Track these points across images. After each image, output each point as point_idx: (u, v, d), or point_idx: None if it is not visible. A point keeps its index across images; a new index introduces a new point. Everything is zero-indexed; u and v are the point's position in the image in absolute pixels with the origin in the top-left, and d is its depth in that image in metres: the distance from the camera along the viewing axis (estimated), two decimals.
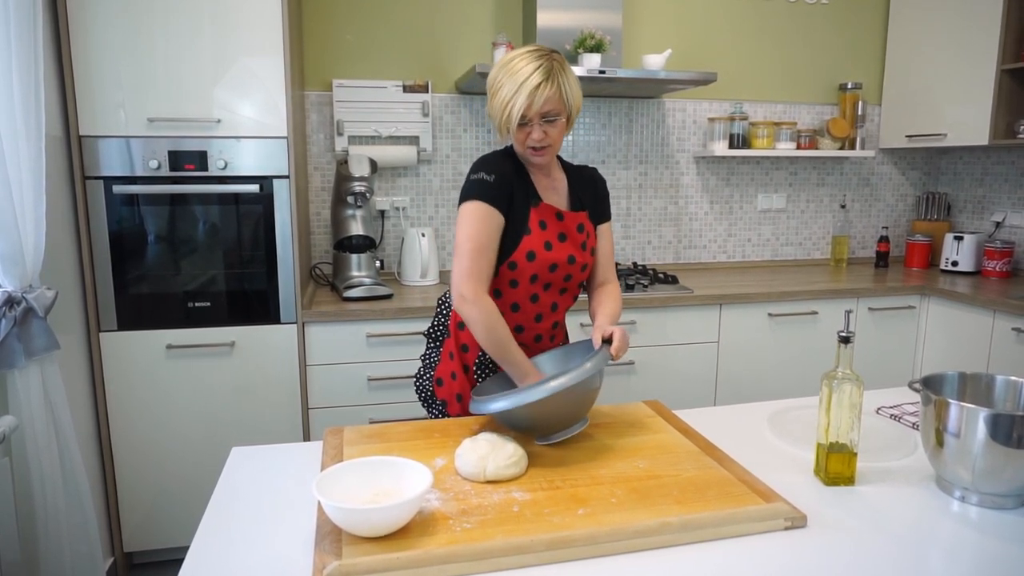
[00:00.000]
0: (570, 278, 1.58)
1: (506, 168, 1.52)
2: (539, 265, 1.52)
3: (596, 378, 1.30)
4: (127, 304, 2.27)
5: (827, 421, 1.19)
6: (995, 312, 2.63)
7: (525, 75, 1.40)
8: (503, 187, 1.48)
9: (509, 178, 1.50)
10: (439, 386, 1.65)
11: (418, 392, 1.72)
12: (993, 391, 1.26)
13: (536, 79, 1.40)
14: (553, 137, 1.46)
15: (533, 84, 1.40)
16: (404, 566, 0.92)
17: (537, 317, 1.59)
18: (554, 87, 1.42)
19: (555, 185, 1.60)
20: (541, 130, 1.45)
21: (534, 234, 1.51)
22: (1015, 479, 1.10)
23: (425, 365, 1.72)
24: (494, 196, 1.47)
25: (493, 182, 1.47)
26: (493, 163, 1.51)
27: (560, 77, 1.43)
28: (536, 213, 1.52)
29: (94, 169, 2.19)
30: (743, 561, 0.98)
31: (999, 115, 2.90)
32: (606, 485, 1.17)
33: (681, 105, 3.27)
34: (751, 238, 3.47)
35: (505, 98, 1.42)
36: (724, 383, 2.80)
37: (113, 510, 2.36)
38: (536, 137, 1.45)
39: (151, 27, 2.15)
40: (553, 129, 1.46)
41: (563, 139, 1.51)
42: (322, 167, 2.94)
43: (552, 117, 1.44)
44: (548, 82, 1.41)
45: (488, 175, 1.48)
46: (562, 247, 1.54)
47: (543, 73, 1.41)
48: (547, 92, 1.41)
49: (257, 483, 1.22)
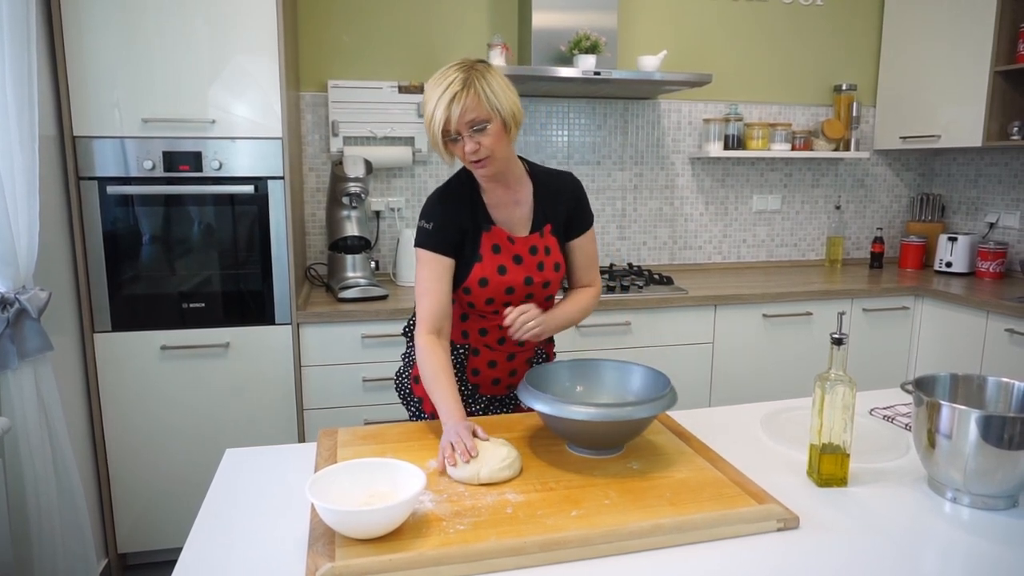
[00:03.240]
0: (531, 296, 1.55)
1: (450, 205, 1.48)
2: (493, 290, 1.50)
3: (647, 420, 1.25)
4: (121, 305, 2.27)
5: (820, 422, 1.19)
6: (988, 313, 2.64)
7: (442, 88, 1.35)
8: (445, 230, 1.47)
9: (452, 217, 1.47)
10: (416, 383, 1.67)
11: (397, 389, 1.75)
12: (985, 392, 1.27)
13: (452, 90, 1.34)
14: (489, 146, 1.38)
15: (449, 96, 1.34)
16: (397, 568, 0.92)
17: (500, 341, 1.58)
18: (471, 94, 1.34)
19: (517, 198, 1.54)
20: (473, 141, 1.37)
21: (486, 260, 1.49)
22: (1006, 480, 1.10)
23: (405, 363, 1.74)
24: (436, 242, 1.47)
25: (432, 230, 1.47)
26: (432, 206, 1.49)
27: (479, 83, 1.36)
28: (488, 238, 1.49)
29: (88, 170, 2.19)
30: (736, 562, 0.98)
31: (992, 117, 2.91)
32: (599, 487, 1.17)
33: (676, 106, 3.27)
34: (746, 239, 3.48)
35: (428, 115, 1.38)
36: (719, 384, 2.81)
37: (107, 511, 2.35)
38: (469, 149, 1.38)
39: (145, 27, 2.15)
40: (486, 138, 1.37)
41: (507, 147, 1.42)
42: (317, 168, 2.93)
43: (479, 125, 1.36)
44: (464, 91, 1.34)
45: (428, 223, 1.48)
46: (517, 269, 1.51)
47: (459, 83, 1.35)
48: (465, 101, 1.34)
49: (250, 485, 1.22)
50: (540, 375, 1.39)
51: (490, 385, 1.64)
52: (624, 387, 1.42)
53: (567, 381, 1.44)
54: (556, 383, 1.41)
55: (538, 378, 1.38)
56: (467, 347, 1.61)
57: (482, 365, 1.61)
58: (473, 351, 1.61)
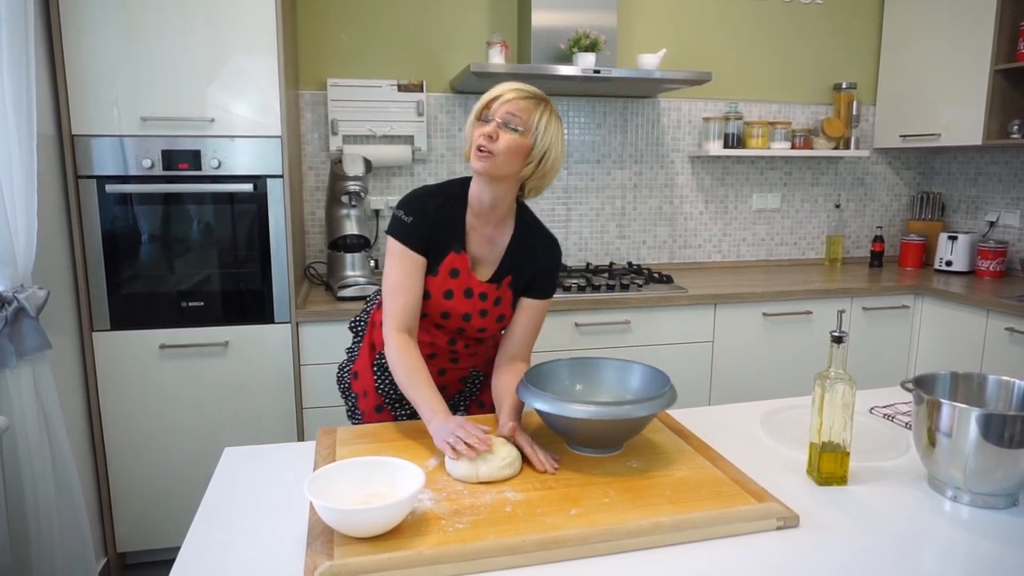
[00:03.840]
0: (463, 332, 1.51)
1: (432, 206, 1.44)
2: (431, 307, 1.47)
3: (646, 419, 1.25)
4: (120, 304, 2.27)
5: (820, 421, 1.19)
6: (989, 312, 2.64)
7: (519, 84, 1.39)
8: (422, 227, 1.42)
9: (431, 218, 1.43)
10: (355, 379, 1.66)
11: (338, 382, 1.74)
12: (985, 391, 1.26)
13: (525, 89, 1.38)
14: (502, 148, 1.34)
15: (519, 88, 1.37)
16: (396, 567, 0.92)
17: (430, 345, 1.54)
18: (530, 105, 1.36)
19: (492, 239, 1.49)
20: (495, 128, 1.35)
21: (439, 278, 1.45)
22: (1007, 479, 1.10)
23: (349, 357, 1.74)
24: (410, 237, 1.42)
25: (410, 223, 1.42)
26: (419, 200, 1.45)
27: (542, 107, 1.38)
28: (453, 259, 1.45)
29: (87, 168, 2.18)
30: (736, 561, 0.98)
31: (992, 115, 2.91)
32: (599, 485, 1.17)
33: (676, 105, 3.27)
34: (746, 238, 3.48)
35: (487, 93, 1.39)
36: (718, 383, 2.80)
37: (106, 510, 2.35)
38: (487, 131, 1.35)
39: (144, 25, 2.14)
40: (507, 138, 1.34)
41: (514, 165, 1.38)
42: (316, 166, 2.93)
43: (514, 126, 1.35)
44: (529, 98, 1.37)
45: (407, 215, 1.43)
46: (463, 302, 1.47)
47: (531, 93, 1.38)
48: (521, 103, 1.36)
49: (249, 483, 1.22)
50: (539, 374, 1.39)
51: None
52: (624, 385, 1.42)
53: (567, 379, 1.43)
54: (556, 381, 1.41)
55: (538, 376, 1.38)
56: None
57: None
58: None
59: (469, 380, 1.65)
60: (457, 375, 1.61)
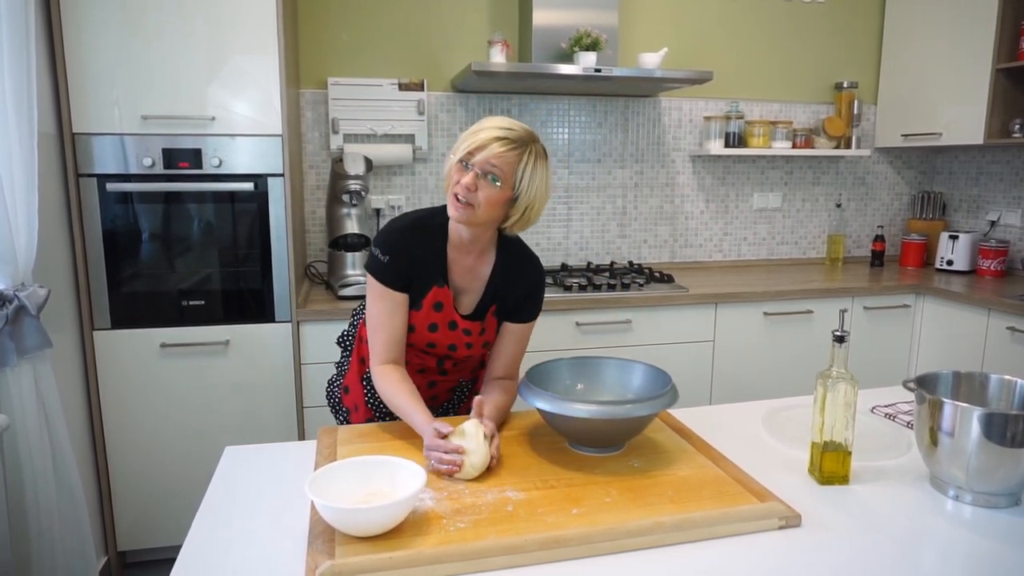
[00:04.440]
0: (446, 360, 1.52)
1: (411, 242, 1.40)
2: (416, 338, 1.47)
3: (648, 418, 1.25)
4: (121, 302, 2.26)
5: (822, 420, 1.19)
6: (990, 311, 2.64)
7: (504, 125, 1.32)
8: (399, 266, 1.40)
9: (409, 255, 1.40)
10: (346, 393, 1.65)
11: (328, 398, 1.72)
12: (987, 390, 1.26)
13: (509, 134, 1.30)
14: (482, 200, 1.30)
15: (502, 135, 1.29)
16: (397, 566, 0.92)
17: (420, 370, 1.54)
18: (514, 154, 1.30)
19: (474, 270, 1.46)
20: (474, 180, 1.29)
21: (423, 312, 1.43)
22: (1009, 478, 1.10)
23: (338, 372, 1.72)
24: (387, 276, 1.40)
25: (388, 263, 1.40)
26: (395, 237, 1.41)
27: (528, 155, 1.31)
28: (436, 293, 1.43)
29: (88, 167, 2.18)
30: (737, 560, 0.98)
31: (994, 114, 2.90)
32: (600, 484, 1.16)
33: (677, 104, 3.26)
34: (747, 237, 3.47)
35: (473, 130, 1.33)
36: (719, 382, 2.80)
37: (107, 509, 2.35)
38: (465, 182, 1.29)
39: (145, 24, 2.14)
40: (487, 190, 1.30)
41: (494, 214, 1.34)
42: (317, 165, 2.93)
43: (493, 177, 1.29)
44: (513, 146, 1.30)
45: (384, 254, 1.40)
46: (448, 334, 1.47)
47: (517, 138, 1.31)
48: (504, 152, 1.28)
49: (250, 482, 1.22)
50: (541, 373, 1.39)
51: None
52: (625, 385, 1.42)
53: (568, 379, 1.43)
54: (557, 381, 1.41)
55: (539, 376, 1.37)
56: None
57: None
58: None
59: (458, 389, 1.67)
60: (447, 386, 1.63)
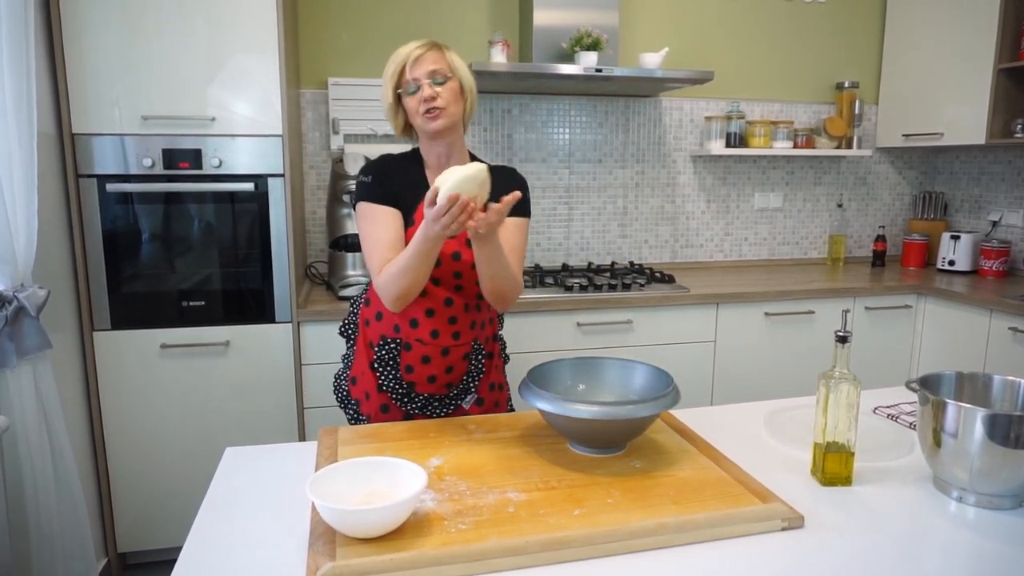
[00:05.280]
0: (459, 275, 1.53)
1: (388, 164, 1.55)
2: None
3: (649, 419, 1.24)
4: (121, 303, 2.26)
5: (824, 421, 1.18)
6: (992, 311, 2.63)
7: (408, 47, 1.50)
8: (383, 182, 1.52)
9: (391, 171, 1.54)
10: (353, 385, 1.66)
11: (335, 391, 1.73)
12: (991, 391, 1.26)
13: (418, 45, 1.49)
14: (446, 99, 1.47)
15: (415, 47, 1.48)
16: (398, 567, 0.91)
17: (428, 312, 1.54)
18: (436, 51, 1.49)
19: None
20: (432, 89, 1.46)
21: (417, 224, 1.48)
22: (1012, 479, 1.09)
23: (345, 364, 1.73)
24: (372, 193, 1.51)
25: (370, 182, 1.52)
26: (375, 163, 1.56)
27: (443, 48, 1.51)
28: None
29: (87, 167, 2.18)
30: (740, 562, 0.97)
31: (996, 114, 2.90)
32: (602, 485, 1.16)
33: (678, 104, 3.26)
34: (748, 237, 3.47)
35: (389, 68, 1.49)
36: (721, 383, 2.80)
37: (107, 510, 2.35)
38: (427, 94, 1.46)
39: (145, 24, 2.14)
40: (444, 91, 1.47)
41: (459, 109, 1.51)
42: (317, 165, 2.92)
43: (440, 79, 1.47)
44: (429, 48, 1.48)
45: (366, 176, 1.53)
46: (449, 243, 1.49)
47: (426, 43, 1.50)
48: (429, 54, 1.48)
49: (251, 484, 1.21)
50: (542, 373, 1.38)
51: (426, 383, 1.59)
52: (626, 385, 1.41)
53: (569, 379, 1.43)
54: (558, 381, 1.41)
55: (540, 376, 1.37)
56: (399, 342, 1.57)
57: (415, 361, 1.57)
58: (405, 346, 1.57)
59: (472, 356, 1.63)
60: (460, 352, 1.59)
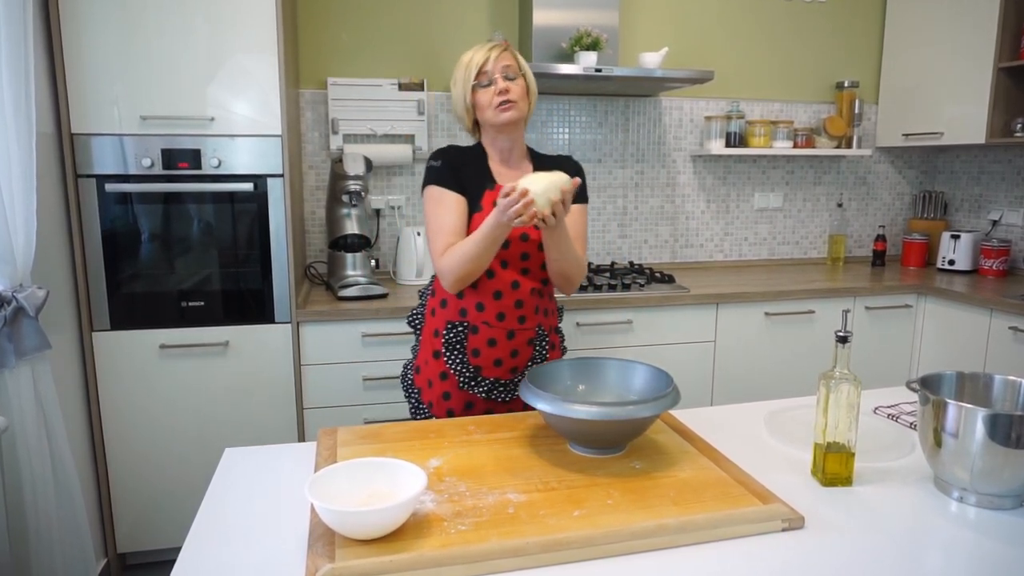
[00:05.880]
0: (527, 257, 1.61)
1: (455, 152, 1.64)
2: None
3: (649, 420, 1.23)
4: (120, 303, 2.26)
5: (824, 421, 1.18)
6: (992, 311, 2.63)
7: (484, 46, 1.61)
8: (451, 167, 1.60)
9: (458, 160, 1.62)
10: (417, 373, 1.72)
11: (402, 380, 1.80)
12: (991, 391, 1.25)
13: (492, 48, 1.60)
14: (518, 94, 1.57)
15: (490, 47, 1.60)
16: (398, 569, 0.91)
17: (496, 294, 1.61)
18: (508, 52, 1.61)
19: (518, 174, 1.62)
20: (505, 83, 1.57)
21: (485, 211, 1.55)
22: (1013, 479, 1.09)
23: (412, 355, 1.79)
24: (442, 177, 1.59)
25: (440, 166, 1.61)
26: (443, 150, 1.65)
27: (510, 51, 1.62)
28: (491, 194, 1.59)
29: (86, 167, 2.17)
30: (740, 563, 0.97)
31: (996, 114, 2.90)
32: (602, 486, 1.16)
33: (678, 103, 3.26)
34: (748, 237, 3.47)
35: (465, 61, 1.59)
36: (721, 383, 2.79)
37: (106, 511, 2.34)
38: (501, 87, 1.56)
39: (144, 24, 2.13)
40: (515, 86, 1.58)
41: (526, 106, 1.61)
42: (317, 166, 2.92)
43: (512, 74, 1.58)
44: (503, 48, 1.61)
45: (435, 161, 1.63)
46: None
47: (498, 45, 1.61)
48: (503, 53, 1.60)
49: (250, 484, 1.21)
50: (542, 374, 1.38)
51: (492, 367, 1.65)
52: (626, 386, 1.41)
53: (569, 380, 1.43)
54: (558, 382, 1.40)
55: (540, 377, 1.37)
56: (465, 325, 1.63)
57: (482, 344, 1.63)
58: (472, 329, 1.63)
59: (537, 342, 1.68)
60: (525, 337, 1.65)
